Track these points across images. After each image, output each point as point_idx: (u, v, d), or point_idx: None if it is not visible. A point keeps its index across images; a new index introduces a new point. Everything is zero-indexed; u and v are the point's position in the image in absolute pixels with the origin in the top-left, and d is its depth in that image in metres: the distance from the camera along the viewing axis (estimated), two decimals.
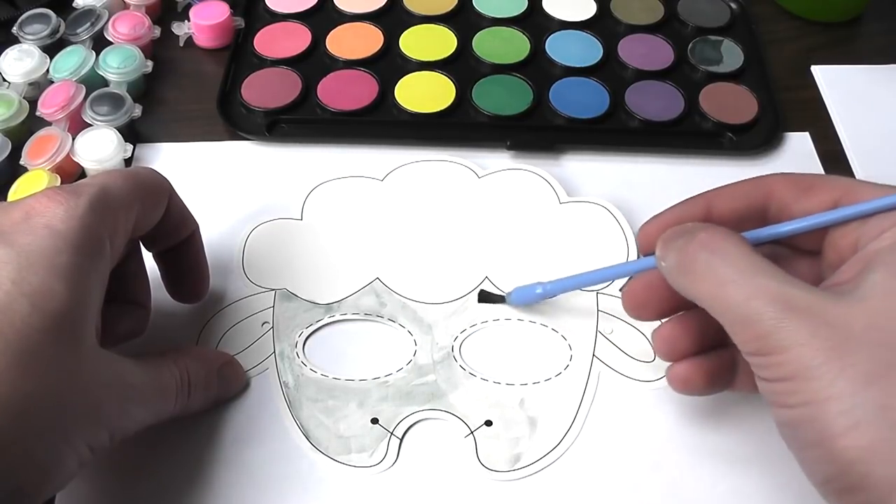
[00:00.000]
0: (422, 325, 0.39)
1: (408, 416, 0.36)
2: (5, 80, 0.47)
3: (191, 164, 0.46)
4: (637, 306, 0.35)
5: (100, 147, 0.43)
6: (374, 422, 0.36)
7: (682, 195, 0.44)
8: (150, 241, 0.36)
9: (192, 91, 0.50)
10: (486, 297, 0.39)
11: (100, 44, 0.49)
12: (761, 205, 0.33)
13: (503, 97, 0.49)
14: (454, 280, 0.40)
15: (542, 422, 0.36)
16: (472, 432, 0.36)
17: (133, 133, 0.47)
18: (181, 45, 0.52)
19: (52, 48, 0.49)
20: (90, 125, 0.45)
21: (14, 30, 0.49)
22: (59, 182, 0.42)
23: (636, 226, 0.43)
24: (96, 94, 0.46)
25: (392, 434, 0.36)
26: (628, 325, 0.39)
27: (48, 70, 0.47)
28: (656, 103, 0.49)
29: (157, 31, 0.51)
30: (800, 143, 0.48)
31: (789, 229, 0.32)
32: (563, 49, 0.52)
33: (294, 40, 0.52)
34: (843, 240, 0.31)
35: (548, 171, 0.45)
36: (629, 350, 0.38)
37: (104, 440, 0.29)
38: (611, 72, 0.51)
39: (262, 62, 0.51)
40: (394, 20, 0.53)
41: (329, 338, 0.39)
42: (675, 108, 0.49)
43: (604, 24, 0.54)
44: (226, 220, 0.43)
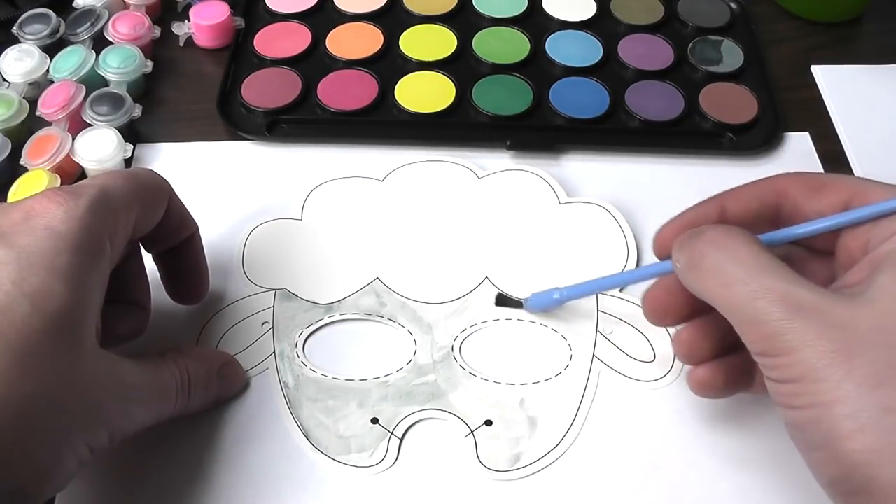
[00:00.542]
0: (422, 325, 0.39)
1: (408, 416, 0.36)
2: (5, 80, 0.47)
3: (191, 164, 0.46)
4: (657, 312, 0.34)
5: (100, 147, 0.43)
6: (374, 422, 0.36)
7: (682, 195, 0.44)
8: (149, 243, 0.36)
9: (192, 91, 0.50)
10: (503, 301, 0.39)
11: (100, 44, 0.49)
12: (774, 204, 0.33)
13: (503, 97, 0.49)
14: (454, 280, 0.40)
15: (542, 422, 0.36)
16: (472, 432, 0.36)
17: (133, 133, 0.47)
18: (181, 45, 0.52)
19: (52, 48, 0.49)
20: (90, 125, 0.45)
21: (14, 30, 0.49)
22: (59, 182, 0.42)
23: (636, 226, 0.43)
24: (96, 94, 0.46)
25: (392, 434, 0.36)
26: (628, 326, 0.39)
27: (48, 70, 0.47)
28: (656, 103, 0.49)
29: (157, 31, 0.51)
30: (800, 143, 0.48)
31: (804, 231, 0.31)
32: (563, 49, 0.52)
33: (294, 40, 0.52)
34: (854, 241, 0.30)
35: (548, 172, 0.45)
36: (629, 350, 0.38)
37: (104, 440, 0.29)
38: (611, 72, 0.51)
39: (262, 62, 0.51)
40: (394, 20, 0.53)
41: (329, 338, 0.39)
42: (675, 108, 0.49)
43: (604, 24, 0.54)
44: (226, 220, 0.43)
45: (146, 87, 0.50)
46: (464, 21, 0.53)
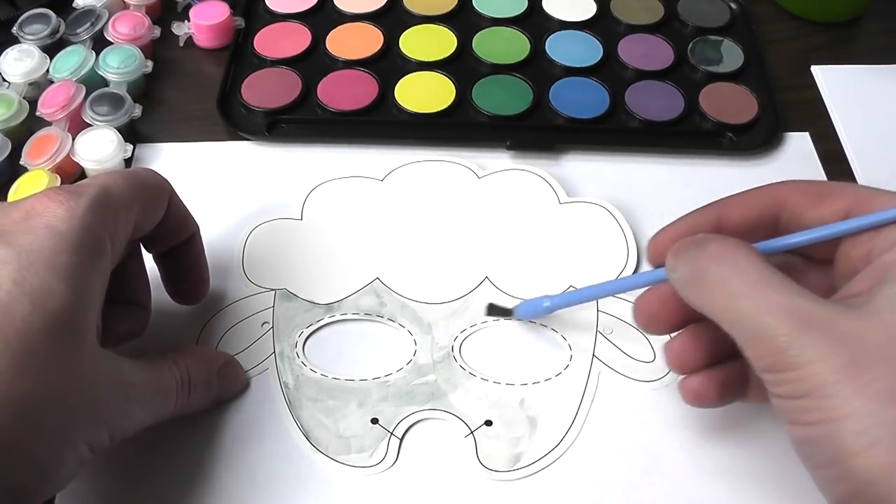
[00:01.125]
0: (422, 325, 0.39)
1: (408, 416, 0.36)
2: (5, 80, 0.47)
3: (191, 164, 0.46)
4: (648, 320, 0.34)
5: (100, 147, 0.43)
6: (374, 422, 0.36)
7: (682, 195, 0.44)
8: (150, 243, 0.36)
9: (192, 91, 0.50)
10: (493, 310, 0.39)
11: (100, 44, 0.49)
12: (773, 213, 0.32)
13: (503, 97, 0.49)
14: (454, 280, 0.40)
15: (542, 422, 0.36)
16: (472, 432, 0.36)
17: (133, 133, 0.47)
18: (181, 45, 0.52)
19: (52, 48, 0.49)
20: (90, 125, 0.45)
21: (14, 30, 0.49)
22: (59, 182, 0.42)
23: (636, 226, 0.43)
24: (96, 94, 0.46)
25: (392, 434, 0.36)
26: (628, 326, 0.39)
27: (48, 70, 0.47)
28: (656, 103, 0.49)
29: (157, 31, 0.51)
30: (800, 143, 0.48)
31: (800, 240, 0.31)
32: (563, 49, 0.52)
33: (294, 40, 0.52)
34: (854, 250, 0.30)
35: (548, 172, 0.45)
36: (629, 350, 0.38)
37: (104, 440, 0.29)
38: (611, 72, 0.51)
39: (262, 62, 0.51)
40: (394, 20, 0.53)
41: (329, 338, 0.39)
42: (675, 108, 0.49)
43: (604, 24, 0.54)
44: (226, 220, 0.43)
45: (146, 87, 0.50)
46: (464, 21, 0.53)
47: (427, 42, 0.52)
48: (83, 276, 0.28)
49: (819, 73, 0.52)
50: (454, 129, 0.48)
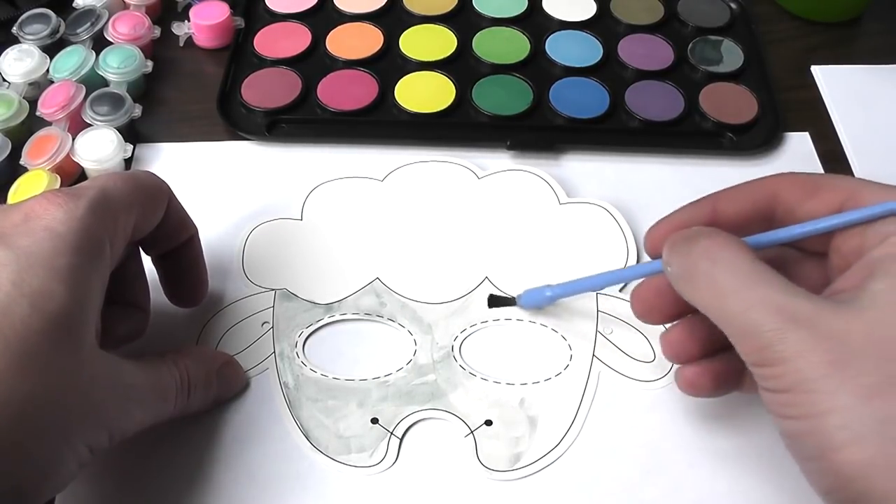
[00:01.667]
0: (422, 325, 0.39)
1: (408, 416, 0.36)
2: (5, 80, 0.47)
3: (191, 164, 0.46)
4: (645, 310, 0.34)
5: (100, 147, 0.43)
6: (374, 422, 0.36)
7: (682, 195, 0.44)
8: (149, 245, 0.36)
9: (192, 91, 0.50)
10: (495, 301, 0.39)
11: (100, 44, 0.49)
12: (768, 206, 0.32)
13: (503, 97, 0.49)
14: (454, 280, 0.40)
15: (542, 421, 0.36)
16: (472, 432, 0.36)
17: (133, 133, 0.47)
18: (181, 45, 0.52)
19: (52, 48, 0.49)
20: (90, 125, 0.45)
21: (14, 30, 0.49)
22: (59, 182, 0.42)
23: (636, 226, 0.43)
24: (96, 94, 0.46)
25: (392, 434, 0.36)
26: (628, 326, 0.39)
27: (48, 70, 0.47)
28: (656, 103, 0.49)
29: (157, 31, 0.51)
30: (800, 143, 0.48)
31: (790, 234, 0.31)
32: (563, 49, 0.52)
33: (294, 40, 0.52)
34: (846, 244, 0.30)
35: (548, 172, 0.45)
36: (629, 350, 0.38)
37: (104, 441, 0.29)
38: (611, 72, 0.51)
39: (262, 62, 0.51)
40: (394, 20, 0.53)
41: (329, 338, 0.39)
42: (675, 108, 0.49)
43: (604, 24, 0.54)
44: (226, 220, 0.43)
45: (146, 87, 0.50)
46: (464, 21, 0.53)
47: (427, 42, 0.52)
48: (82, 278, 0.28)
49: (819, 73, 0.52)
50: (454, 129, 0.48)
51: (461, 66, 0.51)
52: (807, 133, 0.49)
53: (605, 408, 0.37)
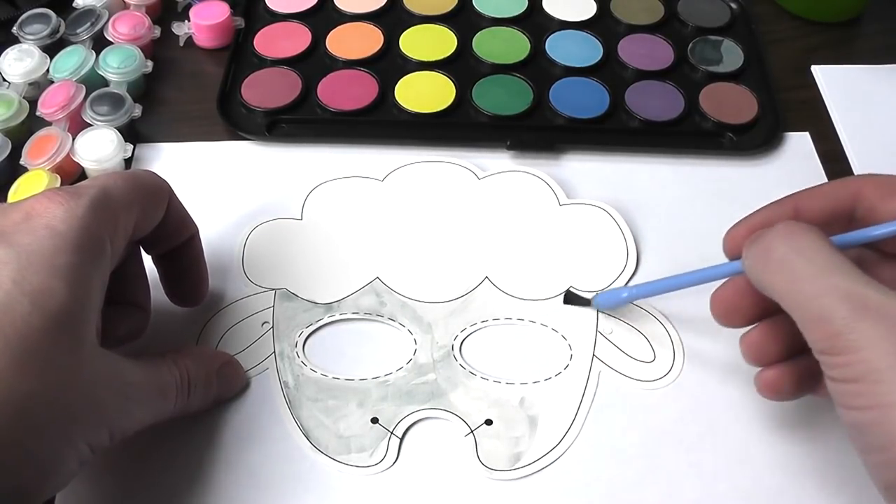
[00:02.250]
0: (422, 325, 0.39)
1: (408, 416, 0.36)
2: (5, 80, 0.47)
3: (191, 164, 0.46)
4: (725, 312, 0.33)
5: (100, 147, 0.43)
6: (374, 421, 0.36)
7: (682, 195, 0.44)
8: (149, 244, 0.36)
9: (192, 91, 0.50)
10: (571, 298, 0.40)
11: (100, 44, 0.49)
12: (849, 206, 0.32)
13: (503, 97, 0.49)
14: (454, 279, 0.40)
15: (543, 421, 0.36)
16: (473, 431, 0.36)
17: (133, 133, 0.47)
18: (181, 45, 0.52)
19: (52, 48, 0.49)
20: (90, 125, 0.45)
21: (14, 30, 0.49)
22: (59, 182, 0.42)
23: (636, 227, 0.43)
24: (96, 94, 0.46)
25: (392, 433, 0.36)
26: (628, 326, 0.39)
27: (48, 70, 0.47)
28: (656, 103, 0.49)
29: (157, 31, 0.51)
30: (800, 143, 0.48)
31: (870, 235, 0.31)
32: (563, 49, 0.52)
33: (294, 40, 0.52)
34: None
35: (547, 172, 0.45)
36: (629, 350, 0.38)
37: (104, 439, 0.29)
38: (611, 72, 0.51)
39: (262, 62, 0.51)
40: (394, 20, 0.53)
41: (329, 337, 0.39)
42: (675, 108, 0.49)
43: (604, 24, 0.54)
44: (226, 220, 0.43)
45: (146, 87, 0.50)
46: (464, 21, 0.53)
47: (427, 42, 0.52)
48: (83, 277, 0.28)
49: (819, 73, 0.52)
50: (454, 129, 0.48)
51: (461, 66, 0.51)
52: (807, 133, 0.49)
53: (605, 408, 0.37)
